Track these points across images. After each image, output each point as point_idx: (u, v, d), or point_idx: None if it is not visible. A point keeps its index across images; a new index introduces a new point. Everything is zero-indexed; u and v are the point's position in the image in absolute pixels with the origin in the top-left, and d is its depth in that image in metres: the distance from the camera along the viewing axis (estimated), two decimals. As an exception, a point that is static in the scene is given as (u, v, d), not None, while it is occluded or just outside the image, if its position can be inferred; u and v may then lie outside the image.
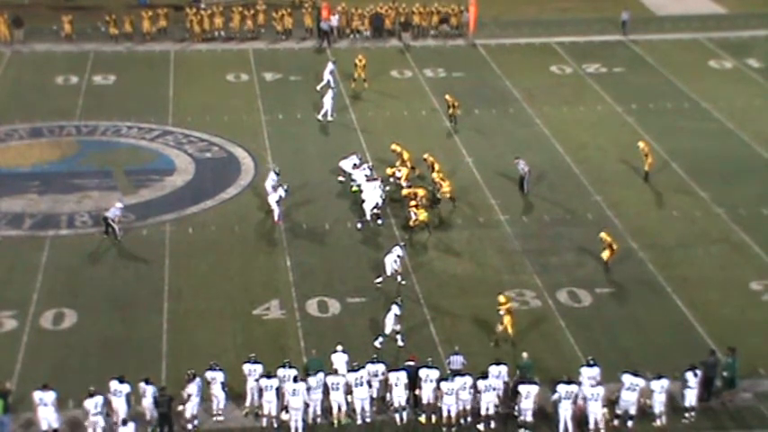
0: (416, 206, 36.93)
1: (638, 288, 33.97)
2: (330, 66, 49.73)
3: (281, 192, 37.32)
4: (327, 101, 46.56)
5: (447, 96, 46.77)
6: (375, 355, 28.38)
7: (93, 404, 26.41)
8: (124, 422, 25.87)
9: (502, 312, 30.63)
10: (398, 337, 30.57)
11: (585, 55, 56.03)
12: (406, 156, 40.26)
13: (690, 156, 43.30)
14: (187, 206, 38.83)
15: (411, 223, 36.77)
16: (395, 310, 30.45)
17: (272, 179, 38.25)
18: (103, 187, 40.23)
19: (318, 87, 48.55)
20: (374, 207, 37.43)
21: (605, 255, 34.67)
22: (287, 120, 46.91)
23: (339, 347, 28.55)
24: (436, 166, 39.44)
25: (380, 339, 30.39)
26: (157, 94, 49.87)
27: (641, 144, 41.76)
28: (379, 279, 33.65)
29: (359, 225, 37.03)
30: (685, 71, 53.56)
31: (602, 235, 34.97)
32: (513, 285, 33.96)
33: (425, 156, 40.24)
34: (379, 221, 37.25)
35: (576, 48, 57.28)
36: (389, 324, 30.39)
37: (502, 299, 31.00)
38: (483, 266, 35.27)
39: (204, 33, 57.95)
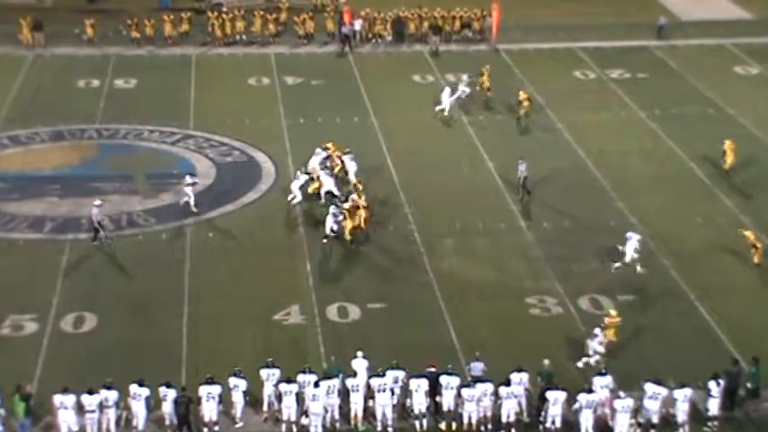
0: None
1: (660, 295, 33.87)
2: (465, 78, 49.13)
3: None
4: (447, 97, 47.37)
5: (521, 93, 46.96)
6: (395, 361, 28.41)
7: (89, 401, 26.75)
8: None
9: (606, 324, 30.43)
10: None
11: (609, 60, 55.93)
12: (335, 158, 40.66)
13: (714, 162, 43.14)
14: (207, 210, 38.98)
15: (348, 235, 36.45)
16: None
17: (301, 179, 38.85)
18: (124, 191, 40.44)
19: (455, 96, 48.37)
20: (328, 192, 38.07)
21: (755, 257, 34.61)
22: (308, 124, 47.05)
23: (360, 353, 28.59)
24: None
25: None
26: (178, 98, 50.10)
27: (727, 142, 41.72)
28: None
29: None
30: (710, 77, 53.39)
31: (746, 233, 34.92)
32: (534, 292, 33.94)
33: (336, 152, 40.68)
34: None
35: (599, 53, 57.18)
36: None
37: (613, 312, 30.83)
38: (504, 272, 35.26)
39: (226, 37, 58.15)
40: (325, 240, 36.35)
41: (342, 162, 40.48)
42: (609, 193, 40.88)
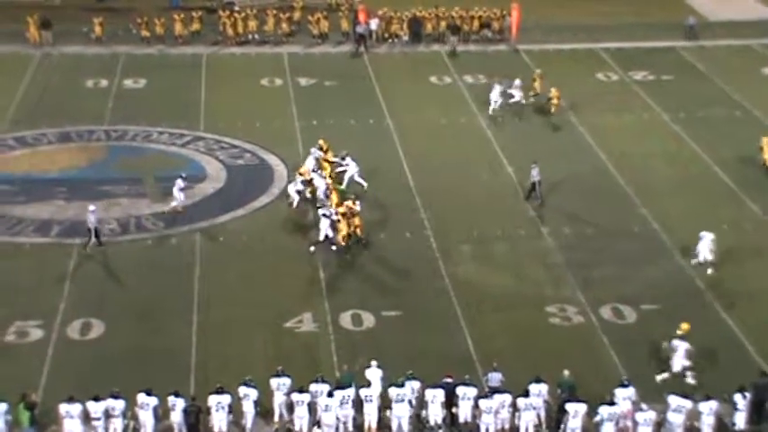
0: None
1: (685, 304, 33.69)
2: (517, 82, 48.93)
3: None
4: (496, 95, 47.73)
5: (553, 89, 47.34)
6: (411, 371, 28.34)
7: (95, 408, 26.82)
8: None
9: (682, 331, 30.24)
10: None
11: (632, 61, 55.80)
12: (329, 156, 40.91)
13: (740, 166, 42.96)
14: (218, 214, 39.01)
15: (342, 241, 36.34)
16: None
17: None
18: (132, 194, 40.51)
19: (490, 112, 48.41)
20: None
21: None
22: (321, 126, 47.03)
23: (374, 363, 28.55)
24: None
25: None
26: (189, 99, 50.20)
27: (765, 139, 41.74)
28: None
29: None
30: (737, 78, 53.22)
31: None
32: (554, 300, 33.84)
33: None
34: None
35: (622, 54, 57.10)
36: None
37: (685, 326, 30.65)
38: (523, 280, 35.17)
39: (238, 36, 58.29)
40: (312, 249, 36.25)
41: (330, 163, 40.42)
42: (631, 197, 40.76)
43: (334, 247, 35.96)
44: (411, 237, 37.63)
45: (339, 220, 36.14)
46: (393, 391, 27.50)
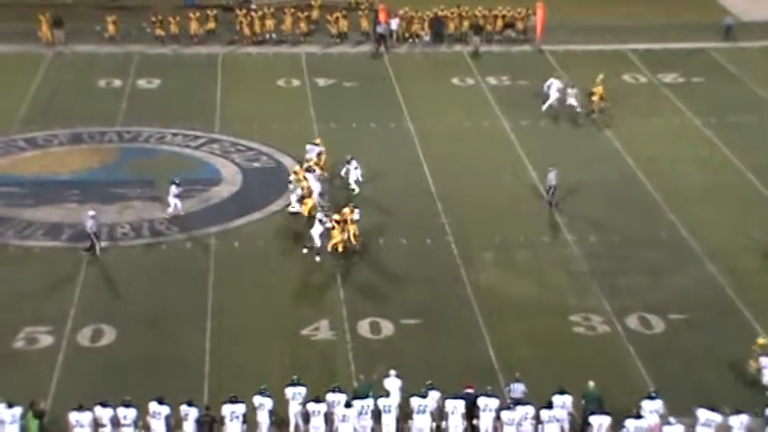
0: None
1: (715, 314, 33.58)
2: (572, 91, 48.82)
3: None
4: (555, 91, 48.23)
5: (597, 87, 47.39)
6: (430, 381, 28.33)
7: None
8: None
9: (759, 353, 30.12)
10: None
11: (662, 63, 55.67)
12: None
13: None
14: (233, 218, 39.12)
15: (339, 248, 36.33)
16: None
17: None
18: (145, 197, 40.65)
19: (544, 108, 48.54)
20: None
21: None
22: (340, 128, 47.12)
23: (392, 372, 28.55)
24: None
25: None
26: (204, 100, 50.36)
27: None
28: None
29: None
30: (771, 81, 53.07)
31: None
32: (578, 309, 33.77)
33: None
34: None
35: (651, 56, 56.97)
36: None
37: (761, 341, 30.48)
38: (547, 288, 35.12)
39: (254, 36, 58.46)
40: (305, 250, 36.28)
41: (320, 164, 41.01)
42: (660, 204, 40.64)
43: (318, 258, 35.89)
44: (432, 243, 37.63)
45: (333, 227, 36.14)
46: (415, 402, 27.47)
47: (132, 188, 41.39)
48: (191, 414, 27.25)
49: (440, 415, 27.87)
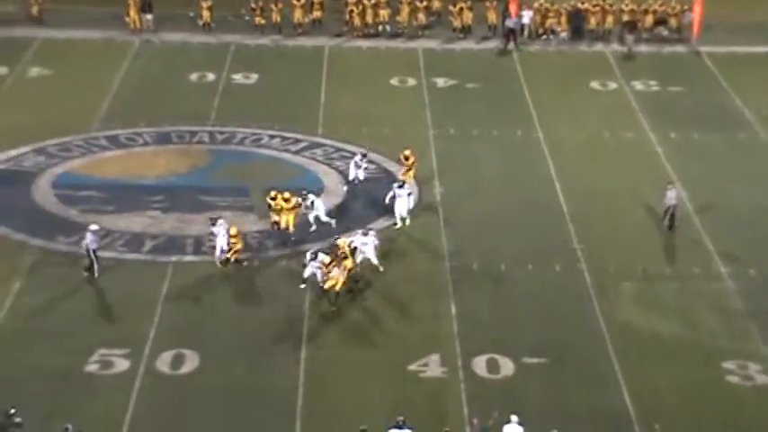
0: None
1: None
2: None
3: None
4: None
5: None
6: (555, 430, 28.14)
7: None
8: None
9: None
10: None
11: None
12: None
13: None
14: (335, 234, 39.35)
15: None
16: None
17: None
18: (237, 206, 41.14)
19: None
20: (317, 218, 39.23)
21: None
22: (460, 135, 47.22)
23: (514, 418, 28.44)
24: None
25: None
26: (306, 98, 50.93)
27: None
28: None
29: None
30: None
31: None
32: (733, 355, 33.24)
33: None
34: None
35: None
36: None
37: None
38: (696, 328, 34.67)
39: (366, 27, 58.94)
40: (303, 285, 36.08)
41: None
42: (833, 234, 39.94)
43: (302, 285, 35.73)
44: (561, 270, 37.44)
45: (331, 260, 35.44)
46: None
47: (223, 196, 41.95)
48: (280, 455, 27.53)
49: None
